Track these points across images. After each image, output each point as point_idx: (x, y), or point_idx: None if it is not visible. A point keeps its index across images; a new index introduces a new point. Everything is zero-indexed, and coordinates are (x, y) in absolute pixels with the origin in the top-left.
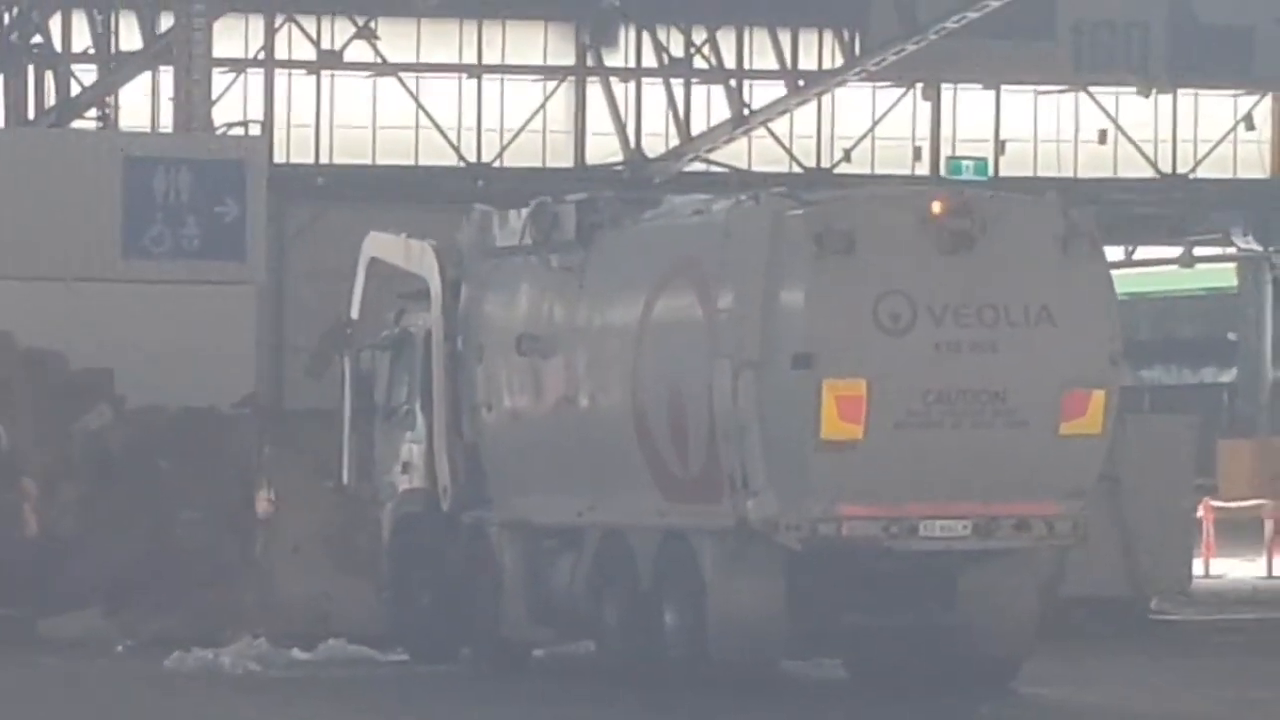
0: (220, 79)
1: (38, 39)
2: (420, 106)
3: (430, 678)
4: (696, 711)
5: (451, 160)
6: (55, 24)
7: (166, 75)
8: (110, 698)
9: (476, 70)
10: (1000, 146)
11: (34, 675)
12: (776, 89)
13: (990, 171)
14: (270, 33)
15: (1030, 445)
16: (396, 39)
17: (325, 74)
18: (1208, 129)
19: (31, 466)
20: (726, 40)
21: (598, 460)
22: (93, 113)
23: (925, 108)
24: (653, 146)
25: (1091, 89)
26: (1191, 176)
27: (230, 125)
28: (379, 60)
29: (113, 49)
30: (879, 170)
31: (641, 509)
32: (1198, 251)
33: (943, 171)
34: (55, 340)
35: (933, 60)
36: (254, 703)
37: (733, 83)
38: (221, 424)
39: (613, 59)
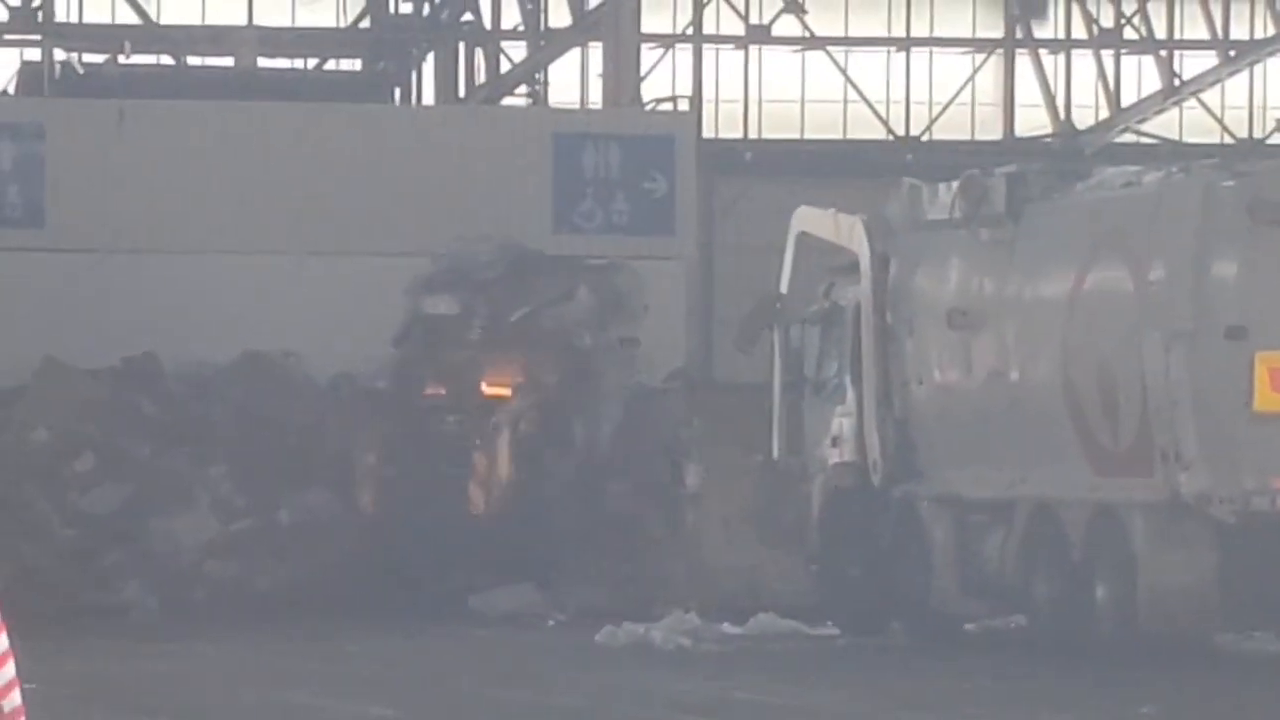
0: (649, 55)
1: (468, 16)
2: (849, 80)
3: (861, 651)
4: (1128, 685)
5: (880, 134)
6: (485, 1)
7: (595, 51)
8: (543, 671)
9: (905, 43)
10: None
11: (467, 648)
12: (1208, 59)
13: None
14: (699, 8)
15: None
16: (824, 12)
17: (753, 48)
18: None
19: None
20: (1157, 10)
21: (1027, 434)
22: (522, 89)
23: None
24: (1082, 118)
25: None
26: None
27: (659, 101)
28: (807, 34)
29: (542, 25)
30: None
31: (1072, 482)
32: None
33: None
34: None
35: None
36: (687, 678)
37: (1164, 53)
38: (651, 398)
39: (1042, 31)
